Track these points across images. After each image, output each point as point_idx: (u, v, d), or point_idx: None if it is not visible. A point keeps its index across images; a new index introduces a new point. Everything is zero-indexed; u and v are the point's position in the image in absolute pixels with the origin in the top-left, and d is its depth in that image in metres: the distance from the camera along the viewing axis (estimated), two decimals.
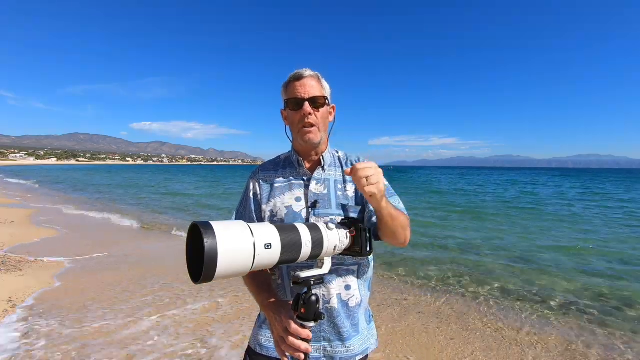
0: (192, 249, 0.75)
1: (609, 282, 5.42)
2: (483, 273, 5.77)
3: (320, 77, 1.20)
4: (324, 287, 1.13)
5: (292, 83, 1.17)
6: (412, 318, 3.96)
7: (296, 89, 1.15)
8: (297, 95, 1.14)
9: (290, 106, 1.16)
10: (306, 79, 1.15)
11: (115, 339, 3.23)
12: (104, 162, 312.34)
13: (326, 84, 1.21)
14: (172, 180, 34.02)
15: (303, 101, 1.13)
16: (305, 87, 1.15)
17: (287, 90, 1.18)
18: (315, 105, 1.15)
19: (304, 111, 1.13)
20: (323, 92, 1.18)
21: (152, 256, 6.44)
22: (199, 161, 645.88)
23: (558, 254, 7.20)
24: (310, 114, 1.14)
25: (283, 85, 1.21)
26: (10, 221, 9.10)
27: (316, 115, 1.16)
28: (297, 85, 1.15)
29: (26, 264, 5.39)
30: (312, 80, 1.16)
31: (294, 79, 1.16)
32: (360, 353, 1.17)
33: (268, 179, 1.25)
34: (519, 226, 10.70)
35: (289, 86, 1.18)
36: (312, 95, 1.14)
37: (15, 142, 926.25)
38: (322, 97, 1.17)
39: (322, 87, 1.19)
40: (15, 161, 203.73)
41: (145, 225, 9.69)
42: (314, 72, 1.18)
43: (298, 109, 1.14)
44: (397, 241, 1.13)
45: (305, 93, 1.14)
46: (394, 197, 1.23)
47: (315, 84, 1.16)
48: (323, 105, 1.17)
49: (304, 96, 1.14)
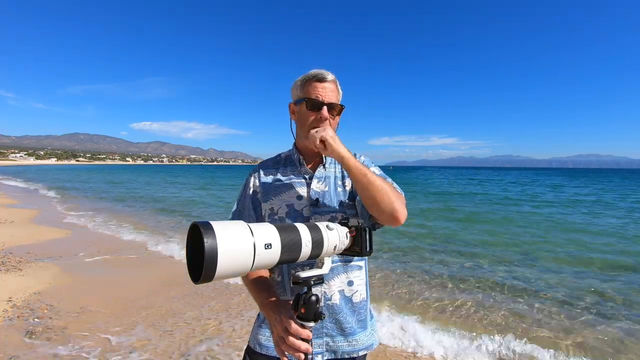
0: (192, 249, 0.75)
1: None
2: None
3: (338, 83, 1.20)
4: (325, 284, 1.13)
5: (312, 83, 1.15)
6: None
7: (317, 90, 1.14)
8: (318, 97, 1.14)
9: (308, 106, 1.15)
10: (328, 83, 1.15)
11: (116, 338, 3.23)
12: (104, 162, 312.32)
13: (341, 90, 1.22)
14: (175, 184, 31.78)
15: (322, 104, 1.13)
16: (326, 90, 1.15)
17: (306, 88, 1.16)
18: (332, 111, 1.16)
19: (322, 115, 1.13)
20: (339, 99, 1.20)
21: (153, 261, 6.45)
22: (199, 161, 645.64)
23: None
24: (326, 119, 1.14)
25: (300, 81, 1.18)
26: (10, 221, 9.11)
27: (330, 122, 1.16)
28: (319, 87, 1.14)
29: (26, 264, 5.39)
30: (332, 84, 1.17)
31: (316, 79, 1.15)
32: (365, 348, 1.18)
33: (268, 176, 1.25)
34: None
35: (309, 84, 1.15)
36: (331, 101, 1.15)
37: (15, 142, 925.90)
38: (339, 106, 1.18)
39: (339, 94, 1.20)
40: (15, 161, 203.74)
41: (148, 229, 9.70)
42: (333, 76, 1.17)
43: (316, 110, 1.14)
44: (381, 208, 1.02)
45: (325, 97, 1.14)
46: (387, 179, 1.17)
47: (335, 90, 1.17)
48: (339, 114, 1.19)
49: (324, 100, 1.14)
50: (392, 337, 3.52)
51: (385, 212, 1.03)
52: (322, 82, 1.14)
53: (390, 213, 1.03)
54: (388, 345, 3.36)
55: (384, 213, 1.03)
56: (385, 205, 1.02)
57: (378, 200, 1.02)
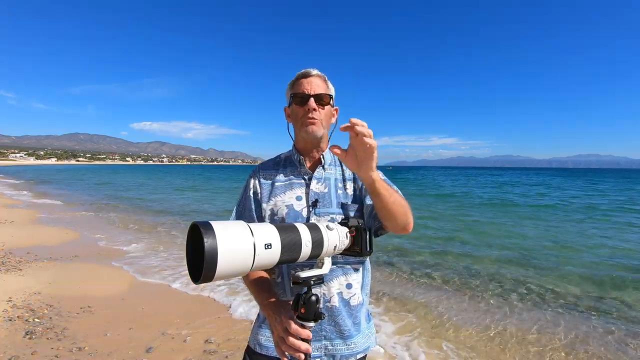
0: (192, 249, 0.75)
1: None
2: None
3: (327, 79, 1.22)
4: (324, 286, 1.13)
5: (298, 80, 1.19)
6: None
7: (302, 85, 1.18)
8: (304, 91, 1.16)
9: (296, 101, 1.18)
10: (313, 77, 1.18)
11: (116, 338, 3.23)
12: (104, 162, 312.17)
13: (331, 86, 1.24)
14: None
15: (308, 97, 1.15)
16: (312, 84, 1.17)
17: (294, 86, 1.20)
18: (320, 102, 1.17)
19: (309, 106, 1.15)
20: (328, 91, 1.21)
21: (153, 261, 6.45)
22: (199, 161, 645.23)
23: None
24: (314, 109, 1.15)
25: (290, 83, 1.23)
26: (10, 221, 9.10)
27: (320, 112, 1.17)
28: (304, 82, 1.18)
29: (26, 264, 5.39)
30: (318, 79, 1.19)
31: (301, 76, 1.19)
32: (362, 351, 1.18)
33: (268, 177, 1.25)
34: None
35: (295, 83, 1.20)
36: (317, 92, 1.16)
37: (15, 142, 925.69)
38: (327, 96, 1.19)
39: (328, 87, 1.22)
40: (15, 161, 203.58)
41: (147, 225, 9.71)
42: (321, 72, 1.21)
43: (303, 104, 1.16)
44: (397, 223, 1.07)
45: (311, 89, 1.16)
46: (392, 186, 1.21)
47: (321, 83, 1.19)
48: (328, 103, 1.20)
49: (310, 92, 1.16)
50: (388, 339, 3.52)
51: (400, 225, 1.09)
52: (307, 77, 1.18)
53: (404, 226, 1.10)
54: (386, 346, 3.36)
55: (399, 226, 1.09)
56: (402, 219, 1.08)
57: (396, 215, 1.06)
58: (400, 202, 1.07)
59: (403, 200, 1.10)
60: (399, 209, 1.05)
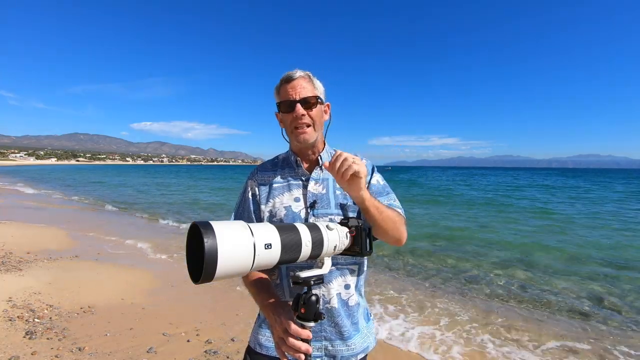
0: (192, 249, 0.75)
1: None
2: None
3: (312, 76, 1.19)
4: (323, 287, 1.13)
5: (283, 86, 1.16)
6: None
7: (287, 91, 1.14)
8: (289, 98, 1.14)
9: (283, 109, 1.16)
10: (296, 81, 1.15)
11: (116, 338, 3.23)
12: (104, 162, 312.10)
13: (318, 83, 1.20)
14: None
15: (295, 103, 1.13)
16: (296, 88, 1.14)
17: (279, 93, 1.18)
18: (307, 105, 1.14)
19: (296, 113, 1.13)
20: (315, 91, 1.17)
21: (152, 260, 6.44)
22: (199, 161, 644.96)
23: None
24: (303, 115, 1.13)
25: (275, 89, 1.20)
26: (10, 221, 9.10)
27: (309, 115, 1.15)
28: (288, 88, 1.14)
29: (26, 264, 5.39)
30: (302, 80, 1.15)
31: (285, 82, 1.16)
32: (362, 351, 1.18)
33: (267, 179, 1.25)
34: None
35: (280, 89, 1.17)
36: (303, 96, 1.13)
37: (15, 142, 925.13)
38: (314, 97, 1.16)
39: (314, 87, 1.18)
40: (15, 161, 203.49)
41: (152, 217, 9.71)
42: (304, 72, 1.17)
43: (290, 111, 1.14)
44: (388, 237, 1.11)
45: (296, 94, 1.13)
46: (389, 195, 1.23)
47: (306, 85, 1.15)
48: (315, 104, 1.16)
49: (295, 97, 1.13)
50: (388, 336, 3.53)
51: (392, 239, 1.12)
52: (291, 82, 1.15)
53: (397, 240, 1.13)
54: (385, 345, 3.36)
55: (391, 239, 1.12)
56: (393, 234, 1.11)
57: (387, 230, 1.09)
58: (392, 217, 1.08)
59: (396, 215, 1.11)
60: (389, 225, 1.08)
